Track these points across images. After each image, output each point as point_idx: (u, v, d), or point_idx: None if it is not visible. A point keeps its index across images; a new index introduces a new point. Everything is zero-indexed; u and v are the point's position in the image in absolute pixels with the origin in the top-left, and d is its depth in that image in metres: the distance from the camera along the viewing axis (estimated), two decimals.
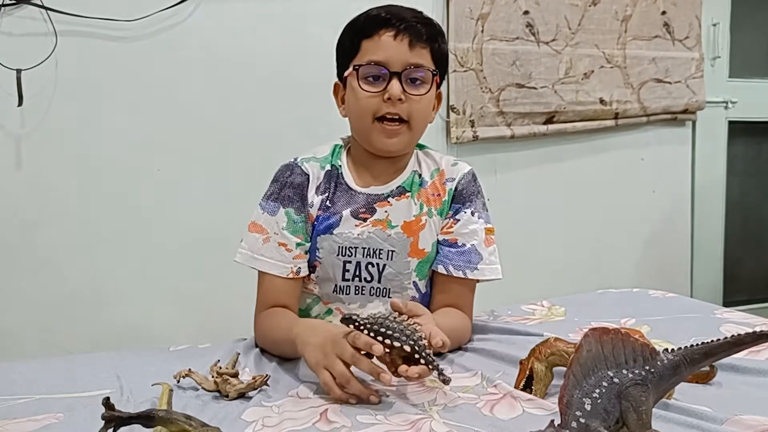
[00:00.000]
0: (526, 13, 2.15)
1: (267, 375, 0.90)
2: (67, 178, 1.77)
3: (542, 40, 2.18)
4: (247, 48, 1.87)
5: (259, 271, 1.10)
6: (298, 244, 1.09)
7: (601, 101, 2.28)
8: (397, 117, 1.06)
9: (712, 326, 1.11)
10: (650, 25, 2.33)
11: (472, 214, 1.14)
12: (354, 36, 1.09)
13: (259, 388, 0.89)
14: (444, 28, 2.05)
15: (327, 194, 1.12)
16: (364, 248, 1.11)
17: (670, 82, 2.38)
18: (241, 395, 0.87)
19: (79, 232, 1.79)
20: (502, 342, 1.07)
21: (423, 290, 1.15)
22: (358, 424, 0.77)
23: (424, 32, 1.07)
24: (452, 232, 1.13)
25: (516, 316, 1.25)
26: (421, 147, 1.20)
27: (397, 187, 1.13)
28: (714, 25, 2.52)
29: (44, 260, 1.76)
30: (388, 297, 1.12)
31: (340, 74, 1.14)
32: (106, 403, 0.69)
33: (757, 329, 0.68)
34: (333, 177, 1.13)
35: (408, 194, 1.13)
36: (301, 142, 1.26)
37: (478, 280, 1.14)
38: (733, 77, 2.62)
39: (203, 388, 0.89)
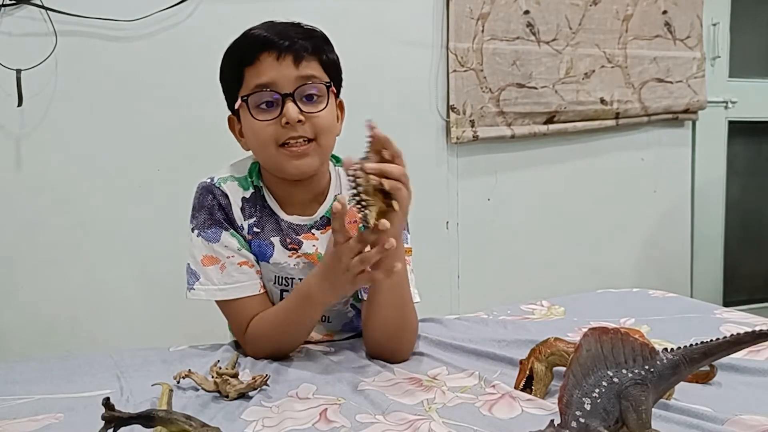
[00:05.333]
0: (526, 12, 2.15)
1: (267, 375, 0.90)
2: (67, 178, 1.77)
3: (543, 40, 2.18)
4: None
5: (225, 303, 1.05)
6: (255, 260, 1.06)
7: (602, 101, 2.28)
8: (301, 140, 1.00)
9: (712, 326, 1.11)
10: (651, 25, 2.33)
11: None
12: (234, 65, 1.03)
13: (258, 389, 0.89)
14: (444, 28, 2.07)
15: (254, 219, 1.07)
16: (300, 279, 1.07)
17: (671, 82, 2.38)
18: (241, 395, 0.87)
19: (79, 232, 1.79)
20: (501, 342, 1.07)
21: (359, 307, 1.13)
22: (357, 424, 0.77)
23: (309, 45, 1.01)
24: None
25: (515, 316, 1.25)
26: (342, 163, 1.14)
27: (321, 218, 1.08)
28: (714, 25, 2.53)
29: (44, 260, 1.76)
30: (328, 322, 1.14)
31: (231, 107, 1.08)
32: (106, 403, 0.69)
33: (757, 329, 0.68)
34: (258, 200, 1.07)
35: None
36: None
37: None
38: (733, 77, 2.63)
39: (203, 388, 0.89)
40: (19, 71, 1.66)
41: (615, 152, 2.38)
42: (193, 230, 1.06)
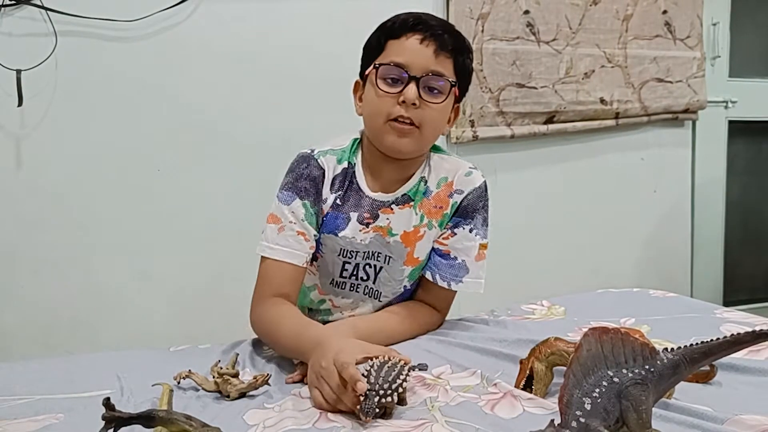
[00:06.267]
0: (526, 12, 2.15)
1: (268, 375, 0.90)
2: (67, 178, 1.77)
3: (542, 40, 2.18)
4: (247, 48, 1.87)
5: (265, 259, 1.08)
6: (314, 235, 1.10)
7: (602, 101, 2.28)
8: (408, 121, 1.06)
9: (712, 326, 1.11)
10: (651, 25, 2.33)
11: (470, 231, 1.17)
12: (381, 36, 1.10)
13: (259, 388, 0.89)
14: None
15: (340, 192, 1.12)
16: (364, 252, 1.13)
17: (671, 82, 2.37)
18: (242, 395, 0.87)
19: (79, 232, 1.79)
20: (502, 341, 1.07)
21: (409, 288, 1.19)
22: (357, 425, 0.77)
23: (450, 42, 1.07)
24: (446, 245, 1.17)
25: (516, 316, 1.25)
26: (438, 150, 1.19)
27: (402, 195, 1.14)
28: (714, 24, 2.53)
29: (44, 260, 1.76)
30: (380, 300, 1.16)
31: (362, 72, 1.14)
32: (107, 403, 0.69)
33: (757, 329, 0.68)
34: (348, 175, 1.13)
35: (411, 203, 1.14)
36: (302, 141, 1.26)
37: None
38: (733, 77, 2.62)
39: (203, 388, 0.89)
40: (19, 71, 1.66)
41: (615, 152, 2.38)
42: (278, 189, 1.12)
